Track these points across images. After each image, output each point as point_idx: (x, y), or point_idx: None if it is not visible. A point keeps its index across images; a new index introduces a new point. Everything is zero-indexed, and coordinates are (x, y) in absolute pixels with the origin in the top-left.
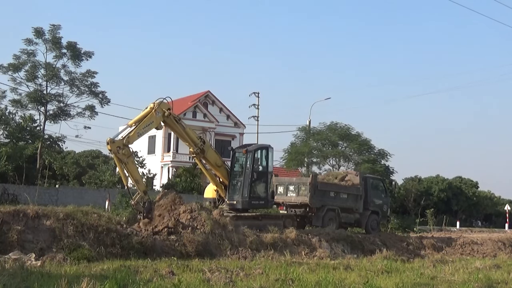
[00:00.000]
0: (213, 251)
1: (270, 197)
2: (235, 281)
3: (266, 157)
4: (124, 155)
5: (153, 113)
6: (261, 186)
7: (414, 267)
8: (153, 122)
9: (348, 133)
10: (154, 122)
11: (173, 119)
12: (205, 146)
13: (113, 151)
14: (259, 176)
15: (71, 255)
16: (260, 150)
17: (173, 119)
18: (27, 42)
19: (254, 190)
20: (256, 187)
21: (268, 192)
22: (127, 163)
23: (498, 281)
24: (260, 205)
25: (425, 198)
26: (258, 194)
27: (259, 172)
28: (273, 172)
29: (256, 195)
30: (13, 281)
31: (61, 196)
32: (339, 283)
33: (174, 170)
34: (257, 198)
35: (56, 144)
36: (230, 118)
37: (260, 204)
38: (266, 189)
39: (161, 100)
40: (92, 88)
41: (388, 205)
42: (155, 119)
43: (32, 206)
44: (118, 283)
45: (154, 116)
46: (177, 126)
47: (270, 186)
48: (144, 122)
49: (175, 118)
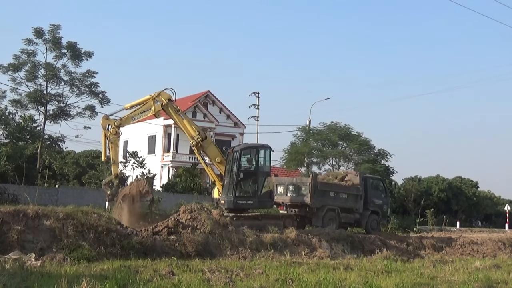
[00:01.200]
0: (213, 251)
1: (266, 197)
2: (235, 281)
3: (258, 157)
4: (112, 134)
5: (151, 101)
6: (249, 186)
7: (414, 267)
8: (150, 109)
9: (348, 133)
10: (151, 110)
11: (171, 110)
12: (205, 142)
13: (102, 126)
14: (246, 176)
15: (71, 255)
16: (250, 149)
17: (171, 110)
18: (27, 42)
19: (240, 190)
20: (243, 187)
21: (258, 192)
22: (112, 142)
23: (498, 281)
24: (248, 205)
25: (425, 198)
26: (245, 194)
27: (247, 172)
28: (269, 172)
29: (243, 195)
30: (13, 281)
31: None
32: (339, 283)
33: (174, 170)
34: (244, 198)
35: (56, 144)
36: (230, 118)
37: (247, 205)
38: (256, 189)
39: (162, 90)
40: (92, 88)
41: (388, 205)
42: (153, 107)
43: (32, 206)
44: (118, 283)
45: (152, 104)
46: (174, 117)
47: (262, 186)
48: (141, 108)
49: (175, 109)
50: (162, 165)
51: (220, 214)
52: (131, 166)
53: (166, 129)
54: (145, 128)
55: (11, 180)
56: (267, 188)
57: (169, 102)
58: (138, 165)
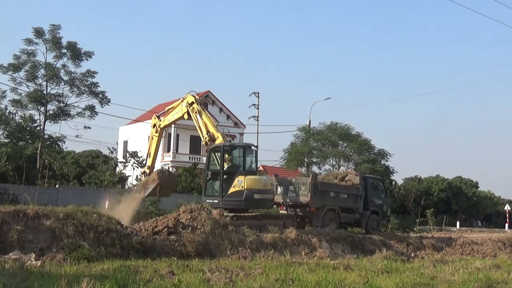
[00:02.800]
0: (213, 251)
1: (234, 197)
2: (235, 281)
3: (230, 156)
4: (154, 132)
5: (181, 104)
6: (216, 186)
7: (414, 267)
8: (179, 112)
9: (348, 133)
10: (180, 112)
11: (192, 112)
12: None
13: (151, 124)
14: (214, 175)
15: (71, 255)
16: (224, 148)
17: (192, 112)
18: (27, 42)
19: (207, 190)
20: (211, 186)
21: (223, 192)
22: (152, 139)
23: (498, 281)
24: (215, 204)
25: (425, 198)
26: (213, 193)
27: (214, 172)
28: (242, 172)
29: (211, 194)
30: (13, 281)
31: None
32: (339, 283)
33: (174, 170)
34: (211, 196)
35: (56, 144)
36: (230, 118)
37: (214, 203)
38: (220, 189)
39: (189, 93)
40: (92, 88)
41: (388, 205)
42: (181, 110)
43: (32, 206)
44: (118, 283)
45: (182, 106)
46: (193, 118)
47: (231, 186)
48: (174, 110)
49: (197, 110)
50: (162, 165)
51: (220, 214)
52: (131, 166)
53: (166, 129)
54: (145, 128)
55: (11, 180)
56: (239, 188)
57: (192, 105)
58: (138, 165)
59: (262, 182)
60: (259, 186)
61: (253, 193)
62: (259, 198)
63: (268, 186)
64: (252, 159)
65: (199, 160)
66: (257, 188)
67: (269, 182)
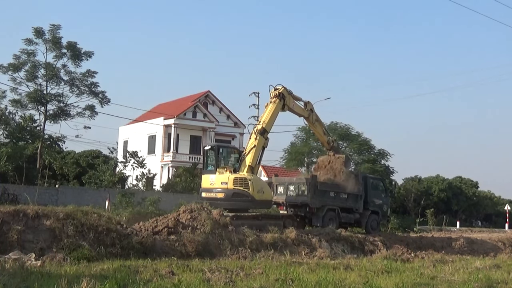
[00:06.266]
0: (213, 251)
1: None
2: (235, 281)
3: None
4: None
5: (270, 104)
6: None
7: (414, 267)
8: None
9: (348, 133)
10: (272, 109)
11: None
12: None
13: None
14: None
15: (71, 255)
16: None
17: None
18: (27, 42)
19: None
20: None
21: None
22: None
23: (498, 281)
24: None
25: (425, 198)
26: None
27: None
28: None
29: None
30: (13, 281)
31: (61, 196)
32: (339, 283)
33: (174, 170)
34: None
35: (56, 144)
36: (230, 118)
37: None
38: None
39: (274, 88)
40: (92, 88)
41: (388, 205)
42: (272, 106)
43: (32, 206)
44: (118, 283)
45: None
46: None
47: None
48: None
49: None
50: (162, 165)
51: (220, 214)
52: (131, 166)
53: (166, 129)
54: (145, 128)
55: (11, 180)
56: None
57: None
58: (138, 165)
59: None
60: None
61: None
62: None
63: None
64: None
65: (199, 160)
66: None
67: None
